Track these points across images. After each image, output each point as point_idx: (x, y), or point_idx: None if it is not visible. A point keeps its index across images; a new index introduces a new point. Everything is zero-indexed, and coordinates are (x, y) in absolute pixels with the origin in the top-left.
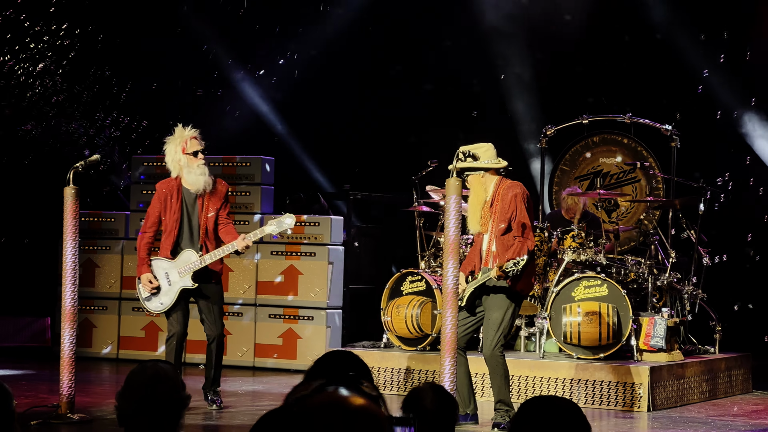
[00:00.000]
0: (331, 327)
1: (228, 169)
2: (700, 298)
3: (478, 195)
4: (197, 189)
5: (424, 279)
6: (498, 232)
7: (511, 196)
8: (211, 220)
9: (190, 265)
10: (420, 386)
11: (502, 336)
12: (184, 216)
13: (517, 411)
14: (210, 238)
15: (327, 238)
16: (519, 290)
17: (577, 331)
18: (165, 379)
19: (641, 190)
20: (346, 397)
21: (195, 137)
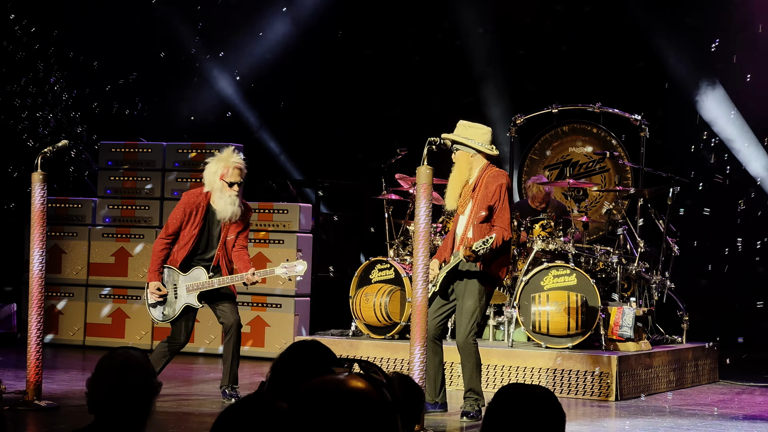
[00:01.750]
0: (299, 315)
1: (197, 156)
2: (668, 288)
3: (461, 173)
4: (222, 217)
5: (393, 267)
6: (477, 219)
7: (496, 185)
8: (230, 243)
9: (198, 285)
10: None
11: (475, 324)
12: (204, 232)
13: (493, 398)
14: (226, 260)
15: (295, 226)
16: (491, 274)
17: (546, 321)
18: (135, 365)
19: (610, 179)
20: (345, 381)
21: (239, 167)
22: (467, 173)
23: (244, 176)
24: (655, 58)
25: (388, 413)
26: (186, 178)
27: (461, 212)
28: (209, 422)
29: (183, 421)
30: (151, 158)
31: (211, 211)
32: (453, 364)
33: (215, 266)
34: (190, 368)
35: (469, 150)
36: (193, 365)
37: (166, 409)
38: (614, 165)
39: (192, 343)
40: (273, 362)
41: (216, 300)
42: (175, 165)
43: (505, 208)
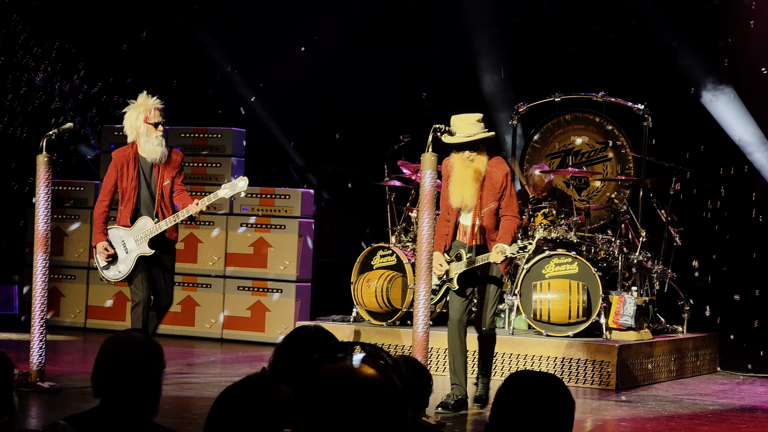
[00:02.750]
0: (300, 300)
1: (199, 140)
2: (669, 277)
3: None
4: (153, 159)
5: (395, 253)
6: (489, 211)
7: (503, 174)
8: (167, 188)
9: (146, 232)
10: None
11: (496, 309)
12: (141, 184)
13: (501, 385)
14: (166, 205)
15: (297, 211)
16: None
17: (547, 309)
18: (134, 347)
19: (612, 168)
20: (356, 368)
21: (158, 108)
22: (482, 168)
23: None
24: (659, 46)
25: (398, 400)
26: (188, 161)
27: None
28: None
29: (184, 406)
30: None
31: (143, 163)
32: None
33: (157, 213)
34: (191, 352)
35: (485, 144)
36: (194, 349)
37: (167, 392)
38: (616, 154)
39: (192, 326)
40: (276, 346)
41: (158, 275)
42: (177, 149)
43: (513, 196)
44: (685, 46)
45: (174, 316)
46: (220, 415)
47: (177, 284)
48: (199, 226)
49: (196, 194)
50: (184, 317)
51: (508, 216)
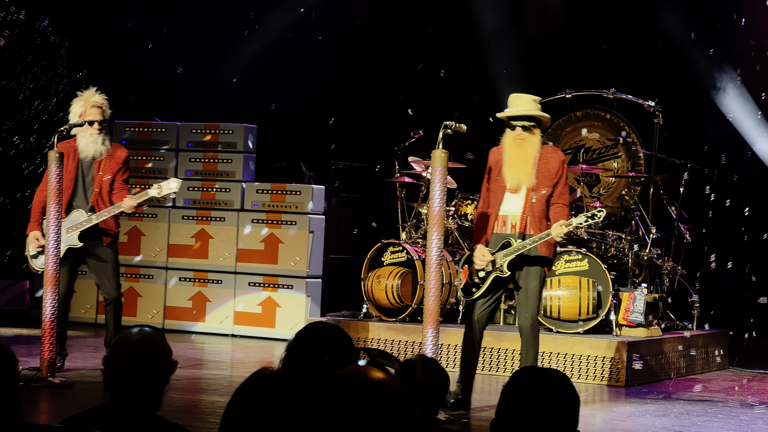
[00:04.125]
0: (311, 296)
1: (210, 136)
2: (680, 274)
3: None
4: (85, 156)
5: (406, 250)
6: (541, 198)
7: (559, 161)
8: (106, 183)
9: (77, 224)
10: (410, 358)
11: (540, 305)
12: (78, 177)
13: (507, 382)
14: (104, 200)
15: (308, 207)
16: (549, 255)
17: (557, 305)
18: (152, 344)
19: (623, 165)
20: (367, 371)
21: (97, 106)
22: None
23: (106, 115)
24: (671, 44)
25: (405, 404)
26: (199, 158)
27: (512, 189)
28: (221, 404)
29: (194, 404)
30: (165, 138)
31: (83, 156)
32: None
33: (93, 207)
34: (201, 348)
35: (541, 126)
36: (203, 344)
37: (176, 390)
38: (627, 151)
39: (203, 322)
40: (288, 342)
41: (97, 268)
42: (188, 145)
43: (566, 185)
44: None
45: (185, 311)
46: (236, 412)
47: (189, 280)
48: (210, 222)
49: (207, 191)
50: (195, 313)
51: (560, 204)
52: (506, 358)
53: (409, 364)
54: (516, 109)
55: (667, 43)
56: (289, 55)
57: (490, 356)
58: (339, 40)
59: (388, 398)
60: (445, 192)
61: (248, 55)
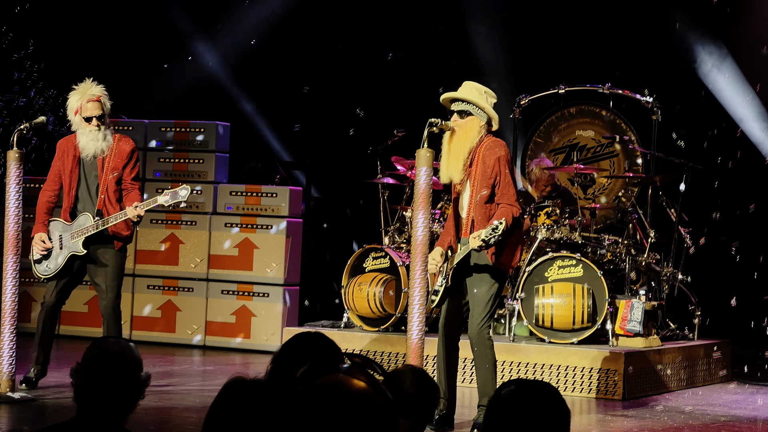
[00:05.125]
0: (288, 304)
1: (180, 134)
2: (680, 280)
3: (470, 139)
4: (86, 155)
5: (388, 255)
6: (481, 199)
7: (494, 158)
8: (112, 182)
9: (83, 230)
10: (398, 369)
11: (489, 315)
12: (81, 178)
13: (494, 395)
14: (112, 202)
15: (285, 210)
16: (501, 266)
17: (550, 314)
18: (129, 357)
19: (619, 165)
20: (348, 381)
21: (95, 99)
22: (475, 143)
23: (106, 108)
24: (668, 35)
25: (387, 413)
26: (169, 158)
27: (460, 189)
28: (192, 418)
29: (164, 417)
30: (132, 136)
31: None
32: (466, 360)
33: (99, 210)
34: (171, 361)
35: (483, 118)
36: (172, 357)
37: (147, 403)
38: (624, 149)
39: (173, 333)
40: (274, 354)
41: (97, 272)
42: (157, 144)
43: (508, 183)
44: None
45: (154, 321)
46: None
47: (157, 288)
48: (180, 226)
49: None
50: (164, 323)
51: (503, 204)
52: (503, 371)
53: (398, 376)
54: (449, 95)
55: (665, 34)
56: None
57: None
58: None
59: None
60: (430, 194)
61: (221, 49)
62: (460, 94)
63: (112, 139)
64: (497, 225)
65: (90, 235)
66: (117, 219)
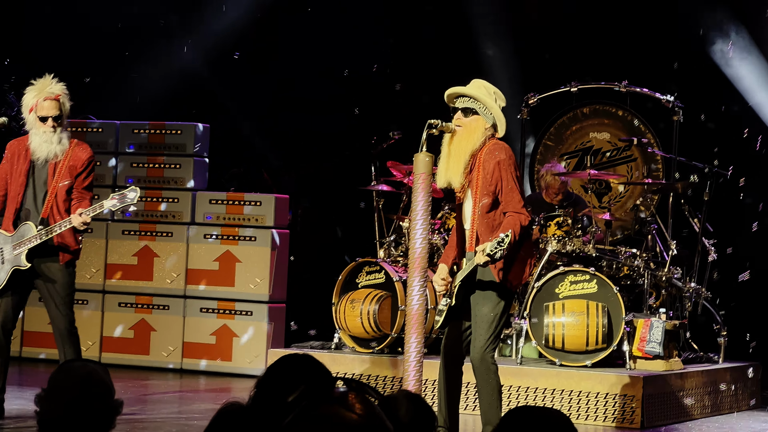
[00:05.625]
0: (274, 324)
1: (155, 137)
2: (704, 297)
3: (472, 141)
4: (38, 157)
5: (384, 270)
6: (482, 209)
7: (493, 163)
8: (62, 190)
9: (25, 241)
10: (393, 394)
11: (493, 337)
12: (29, 183)
13: (498, 424)
14: (60, 212)
15: (270, 220)
16: (508, 283)
17: (561, 334)
18: (98, 381)
19: (638, 170)
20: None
21: (52, 98)
22: (477, 145)
23: (65, 109)
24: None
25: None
26: (142, 163)
27: (462, 197)
28: None
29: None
30: (102, 139)
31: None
32: (469, 385)
33: (45, 219)
34: (145, 385)
35: (489, 119)
36: (145, 382)
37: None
38: (642, 153)
39: (147, 355)
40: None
41: (46, 292)
42: (129, 147)
43: (511, 189)
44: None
45: (126, 342)
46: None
47: (130, 306)
48: (155, 237)
49: (152, 201)
50: (137, 344)
51: (508, 213)
52: (509, 397)
53: (392, 402)
54: (455, 89)
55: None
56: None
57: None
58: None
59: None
60: (429, 202)
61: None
62: (467, 90)
63: (68, 144)
64: (503, 238)
65: (34, 247)
66: (61, 227)
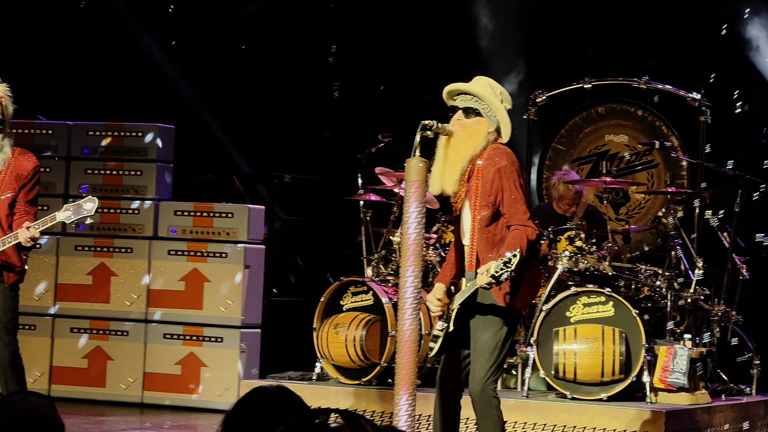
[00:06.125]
0: (247, 352)
1: (113, 140)
2: (734, 321)
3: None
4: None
5: (372, 290)
6: (481, 222)
7: (493, 170)
8: (4, 203)
9: None
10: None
11: (495, 366)
12: None
13: None
14: (3, 226)
15: (243, 234)
16: (513, 308)
17: (573, 363)
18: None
19: (659, 178)
20: None
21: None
22: (478, 150)
23: (7, 113)
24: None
25: None
26: (98, 169)
27: (457, 211)
28: None
29: None
30: (52, 142)
31: None
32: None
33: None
34: (100, 421)
35: (492, 122)
36: (102, 418)
37: None
38: (665, 159)
39: (103, 388)
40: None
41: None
42: (83, 152)
43: (515, 200)
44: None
45: (78, 373)
46: None
47: (84, 331)
48: (112, 254)
49: (109, 212)
50: (92, 375)
51: (513, 227)
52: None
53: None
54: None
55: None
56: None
57: None
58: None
59: None
60: (423, 214)
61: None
62: (470, 87)
63: (11, 152)
64: (510, 258)
65: None
66: (5, 244)
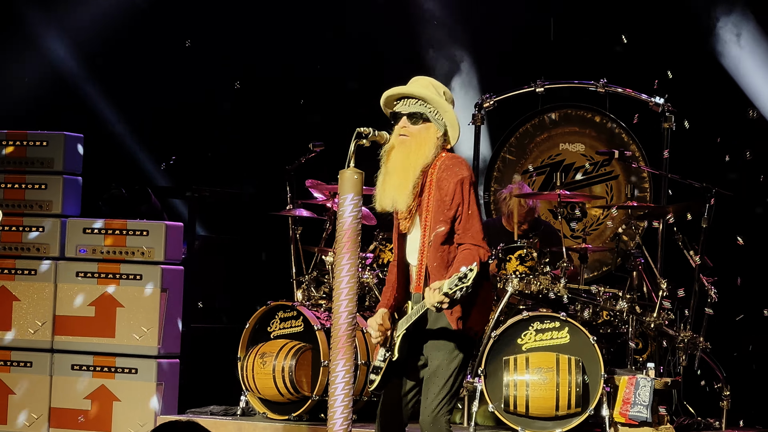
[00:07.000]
0: (164, 384)
1: (14, 150)
2: (702, 348)
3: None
4: None
5: (302, 316)
6: (436, 239)
7: (454, 182)
8: None
9: None
10: None
11: (449, 396)
12: None
13: None
14: None
15: (160, 254)
16: (467, 330)
17: (525, 395)
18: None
19: (619, 190)
20: None
21: None
22: (429, 159)
23: None
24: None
25: None
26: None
27: (405, 228)
28: None
29: None
30: None
31: None
32: None
33: None
34: None
35: (440, 127)
36: None
37: None
38: (625, 169)
39: (3, 425)
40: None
41: None
42: None
43: (473, 215)
44: None
45: None
46: None
47: None
48: (14, 276)
49: (10, 230)
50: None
51: (465, 244)
52: None
53: None
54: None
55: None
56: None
57: None
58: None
59: None
60: (358, 229)
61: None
62: (412, 89)
63: None
64: (466, 273)
65: None
66: None
